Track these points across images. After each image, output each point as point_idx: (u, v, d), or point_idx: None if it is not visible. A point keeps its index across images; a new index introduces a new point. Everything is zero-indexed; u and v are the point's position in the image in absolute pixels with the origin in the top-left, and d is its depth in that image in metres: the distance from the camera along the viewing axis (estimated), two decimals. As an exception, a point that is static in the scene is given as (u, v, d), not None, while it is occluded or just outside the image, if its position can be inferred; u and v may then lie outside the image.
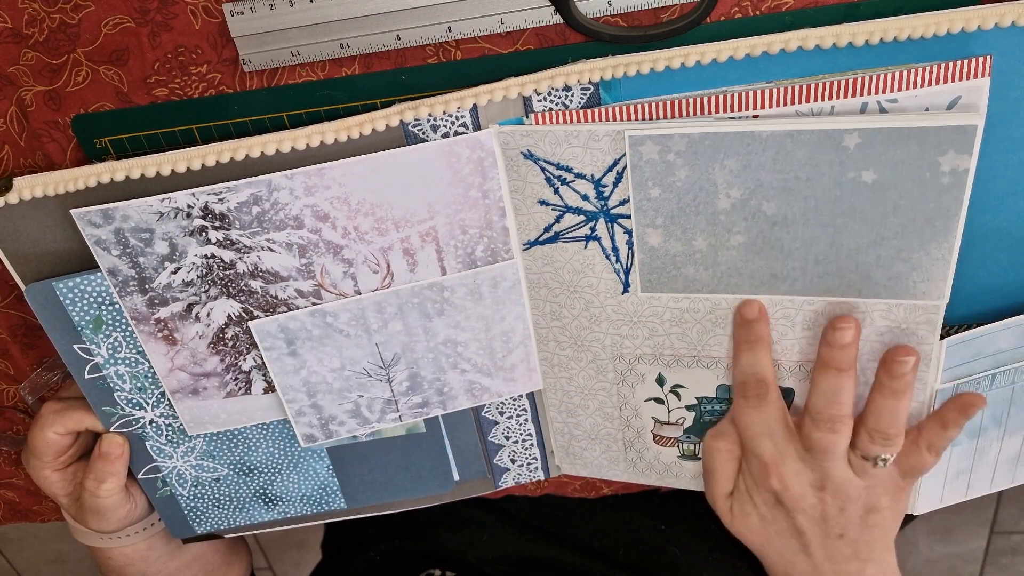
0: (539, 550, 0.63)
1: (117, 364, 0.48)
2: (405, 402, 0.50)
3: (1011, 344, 0.45)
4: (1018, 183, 0.42)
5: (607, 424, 0.53)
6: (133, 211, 0.43)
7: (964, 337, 0.44)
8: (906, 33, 0.38)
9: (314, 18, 0.40)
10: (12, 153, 0.44)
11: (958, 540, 1.33)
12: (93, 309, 0.46)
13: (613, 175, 0.43)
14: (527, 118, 0.42)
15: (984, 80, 0.38)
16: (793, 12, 0.40)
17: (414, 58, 0.42)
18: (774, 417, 0.46)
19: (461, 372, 0.49)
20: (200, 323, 0.47)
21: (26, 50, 0.42)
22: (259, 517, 0.57)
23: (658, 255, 0.44)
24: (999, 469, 0.51)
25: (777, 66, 0.40)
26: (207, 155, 0.42)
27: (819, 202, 0.41)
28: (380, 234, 0.44)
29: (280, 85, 0.42)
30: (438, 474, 0.55)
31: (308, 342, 0.46)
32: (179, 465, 0.53)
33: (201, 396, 0.50)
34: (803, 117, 0.40)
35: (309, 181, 0.42)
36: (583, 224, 0.45)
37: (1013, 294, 0.45)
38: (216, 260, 0.45)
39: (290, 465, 0.54)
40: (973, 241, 0.43)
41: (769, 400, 0.46)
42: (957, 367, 0.45)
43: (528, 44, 0.41)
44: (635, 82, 0.41)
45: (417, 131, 0.42)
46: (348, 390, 0.48)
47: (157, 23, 0.41)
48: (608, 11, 0.40)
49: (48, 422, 0.50)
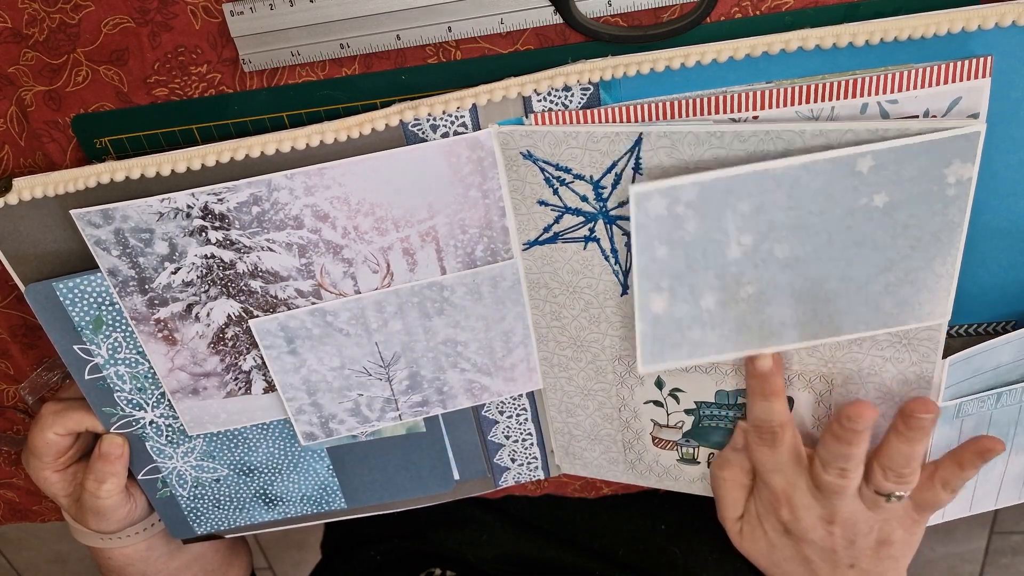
0: (539, 550, 0.63)
1: (117, 364, 0.48)
2: (405, 401, 0.50)
3: (1012, 358, 0.45)
4: (1018, 183, 0.42)
5: (606, 425, 0.53)
6: (133, 211, 0.43)
7: (966, 355, 0.44)
8: (906, 33, 0.38)
9: (314, 18, 0.40)
10: (12, 153, 0.44)
11: (958, 540, 1.33)
12: (93, 309, 0.46)
13: (612, 177, 0.43)
14: (527, 118, 0.42)
15: (985, 81, 0.38)
16: (793, 12, 0.40)
17: (414, 58, 0.42)
18: (787, 456, 0.46)
19: (461, 371, 0.49)
20: (200, 323, 0.47)
21: (26, 50, 0.42)
22: (259, 517, 0.57)
23: (662, 323, 0.43)
24: (1004, 486, 0.50)
25: (777, 66, 0.40)
26: (207, 155, 0.42)
27: (832, 235, 0.40)
28: (380, 234, 0.44)
29: (280, 85, 0.42)
30: (438, 474, 0.55)
31: (308, 341, 0.46)
32: (179, 466, 0.53)
33: (201, 396, 0.50)
34: (818, 150, 0.39)
35: (309, 181, 0.42)
36: (582, 225, 0.45)
37: (1013, 294, 0.45)
38: (216, 260, 0.45)
39: (290, 465, 0.54)
40: (974, 241, 0.43)
41: (783, 441, 0.46)
42: (959, 384, 0.45)
43: (528, 44, 0.41)
44: (635, 82, 0.40)
45: (417, 131, 0.42)
46: (348, 389, 0.48)
47: (157, 23, 0.41)
48: (608, 11, 0.40)
49: (48, 423, 0.50)
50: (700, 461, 0.53)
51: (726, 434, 0.51)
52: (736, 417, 0.50)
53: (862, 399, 0.45)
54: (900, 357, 0.44)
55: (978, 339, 0.46)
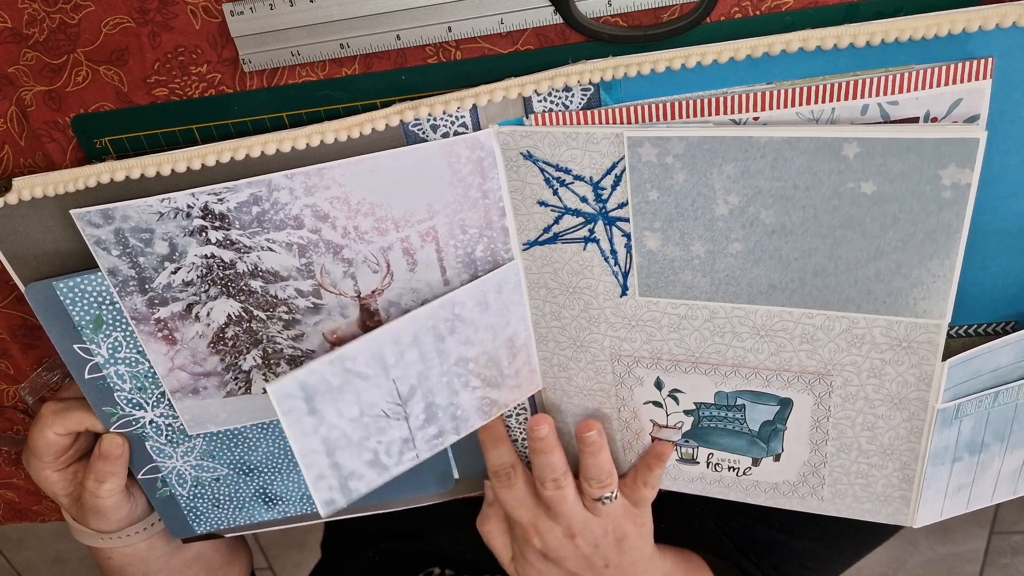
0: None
1: (117, 364, 0.48)
2: (422, 436, 0.50)
3: (1011, 360, 0.45)
4: (1018, 184, 0.42)
5: (605, 425, 0.53)
6: (133, 211, 0.43)
7: (965, 357, 0.44)
8: (907, 34, 0.38)
9: (314, 18, 0.40)
10: (12, 153, 0.44)
11: (958, 540, 1.33)
12: (93, 309, 0.46)
13: (612, 178, 0.43)
14: (527, 118, 0.42)
15: (985, 82, 0.38)
16: (793, 12, 0.40)
17: (414, 58, 0.42)
18: (523, 491, 0.53)
19: (472, 390, 0.49)
20: (200, 323, 0.47)
21: (26, 50, 0.42)
22: (259, 517, 0.57)
23: (656, 259, 0.44)
24: (1000, 482, 0.50)
25: (778, 67, 0.39)
26: (207, 155, 0.42)
27: (818, 212, 0.41)
28: (380, 234, 0.44)
29: (280, 85, 0.42)
30: (438, 473, 0.55)
31: (327, 394, 0.45)
32: (179, 465, 0.53)
33: (201, 396, 0.50)
34: (802, 124, 0.39)
35: (309, 181, 0.42)
36: (582, 226, 0.45)
37: (1013, 295, 0.45)
38: (216, 260, 0.45)
39: (290, 464, 0.54)
40: (973, 242, 0.43)
41: (517, 479, 0.53)
42: (958, 386, 0.45)
43: (528, 44, 0.41)
44: (635, 83, 0.40)
45: (417, 131, 0.42)
46: (367, 438, 0.48)
47: (157, 23, 0.41)
48: (608, 11, 0.40)
49: (48, 422, 0.50)
50: (699, 461, 0.53)
51: (725, 435, 0.51)
52: (735, 418, 0.50)
53: (540, 414, 0.52)
54: (899, 359, 0.44)
55: (978, 339, 0.46)
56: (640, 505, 0.54)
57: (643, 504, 0.54)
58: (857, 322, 0.43)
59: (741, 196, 0.41)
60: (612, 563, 0.54)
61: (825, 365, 0.46)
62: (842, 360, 0.45)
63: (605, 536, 0.53)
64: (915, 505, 0.50)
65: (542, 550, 0.54)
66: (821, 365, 0.46)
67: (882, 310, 0.42)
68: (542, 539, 0.54)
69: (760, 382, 0.48)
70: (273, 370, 0.49)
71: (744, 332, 0.46)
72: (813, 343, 0.45)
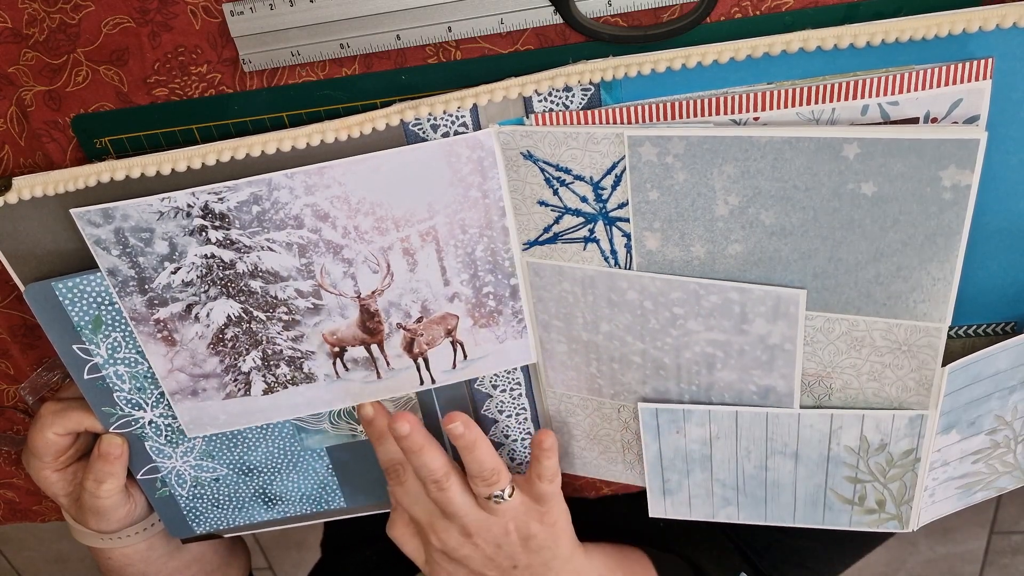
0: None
1: (116, 364, 0.48)
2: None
3: (1009, 364, 0.45)
4: (1019, 184, 0.42)
5: (605, 425, 0.53)
6: (133, 211, 0.43)
7: (964, 362, 0.44)
8: (907, 34, 0.38)
9: (314, 18, 0.40)
10: (12, 153, 0.44)
11: (958, 540, 1.33)
12: (92, 309, 0.46)
13: (612, 178, 0.43)
14: (527, 118, 0.42)
15: (985, 83, 0.38)
16: (793, 12, 0.40)
17: (414, 58, 0.42)
18: (416, 488, 0.51)
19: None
20: (200, 323, 0.47)
21: (26, 50, 0.42)
22: (258, 517, 0.57)
23: (655, 259, 0.44)
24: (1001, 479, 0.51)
25: (778, 67, 0.39)
26: (207, 154, 0.42)
27: (818, 213, 0.40)
28: (380, 233, 0.44)
29: (280, 85, 0.42)
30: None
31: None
32: (178, 465, 0.53)
33: (200, 397, 0.50)
34: (802, 124, 0.39)
35: (309, 180, 0.42)
36: (582, 226, 0.45)
37: (1013, 295, 0.45)
38: (216, 260, 0.45)
39: (290, 465, 0.54)
40: (974, 242, 0.43)
41: (406, 476, 0.51)
42: (959, 391, 0.45)
43: (528, 44, 0.41)
44: (636, 83, 0.40)
45: (417, 130, 0.42)
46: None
47: (157, 23, 0.41)
48: (608, 11, 0.40)
49: (48, 422, 0.50)
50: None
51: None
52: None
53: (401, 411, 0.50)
54: (900, 363, 0.44)
55: (977, 340, 0.46)
56: (544, 501, 0.51)
57: (547, 500, 0.51)
58: (857, 324, 0.43)
59: (741, 196, 0.41)
60: (521, 563, 0.52)
61: (824, 367, 0.46)
62: (841, 363, 0.45)
63: (507, 536, 0.51)
64: (916, 508, 0.50)
65: (443, 550, 0.52)
66: (820, 367, 0.46)
67: (882, 313, 0.42)
68: (440, 539, 0.52)
69: (760, 382, 0.48)
70: (272, 371, 0.49)
71: (744, 332, 0.46)
72: (812, 345, 0.45)
